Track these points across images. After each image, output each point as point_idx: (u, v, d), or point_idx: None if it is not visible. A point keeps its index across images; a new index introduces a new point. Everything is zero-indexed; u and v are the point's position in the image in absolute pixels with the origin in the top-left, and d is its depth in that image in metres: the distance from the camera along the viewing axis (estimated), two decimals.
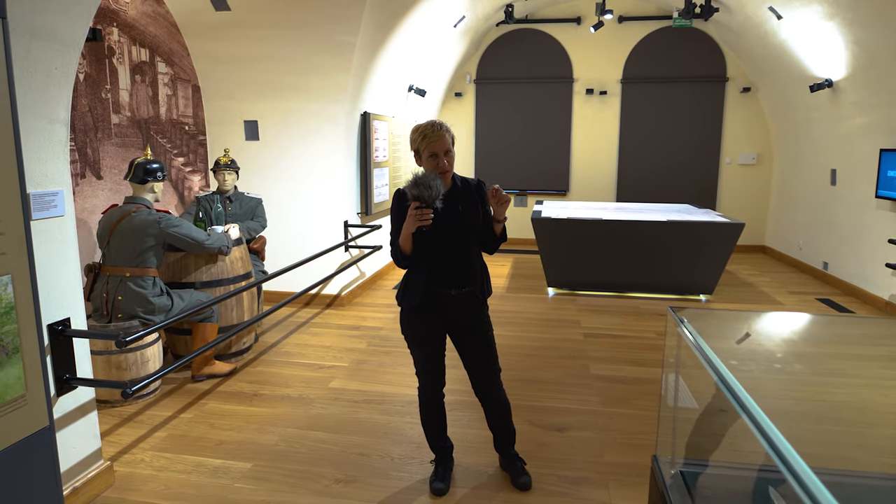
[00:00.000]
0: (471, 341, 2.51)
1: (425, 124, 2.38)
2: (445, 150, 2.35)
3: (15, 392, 1.73)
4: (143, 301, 3.48)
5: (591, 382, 3.89)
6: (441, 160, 2.35)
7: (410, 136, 2.42)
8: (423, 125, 2.38)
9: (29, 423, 1.78)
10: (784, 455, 1.02)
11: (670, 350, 2.01)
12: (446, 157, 2.36)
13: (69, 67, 2.32)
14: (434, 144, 2.34)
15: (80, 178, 4.13)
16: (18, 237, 1.70)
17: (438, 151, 2.34)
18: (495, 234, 2.48)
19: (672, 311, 1.96)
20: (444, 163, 2.35)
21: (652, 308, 5.70)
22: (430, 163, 2.37)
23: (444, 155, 2.35)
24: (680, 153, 8.73)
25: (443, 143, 2.34)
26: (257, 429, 3.22)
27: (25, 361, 1.76)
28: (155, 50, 4.87)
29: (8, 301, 1.69)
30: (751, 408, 1.22)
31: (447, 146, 2.35)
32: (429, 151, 2.35)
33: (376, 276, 6.66)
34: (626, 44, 8.63)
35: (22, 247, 1.71)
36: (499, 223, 2.44)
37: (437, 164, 2.35)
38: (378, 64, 5.76)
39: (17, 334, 1.72)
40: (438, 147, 2.34)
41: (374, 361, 4.24)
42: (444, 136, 2.35)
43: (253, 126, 5.57)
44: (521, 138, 9.02)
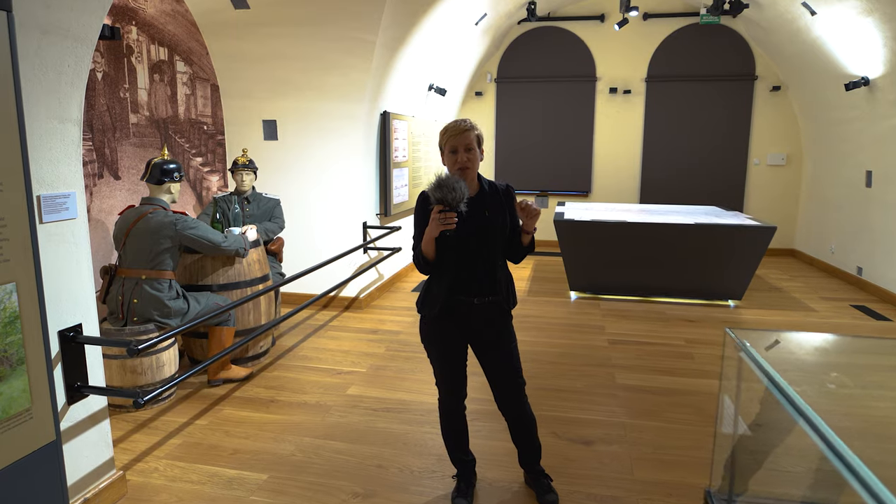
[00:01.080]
0: (494, 353, 2.39)
1: (450, 122, 2.28)
2: (466, 146, 2.23)
3: (20, 406, 1.64)
4: (159, 304, 3.41)
5: (617, 392, 3.74)
6: (460, 155, 2.23)
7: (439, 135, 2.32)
8: (448, 123, 2.28)
9: (35, 438, 1.69)
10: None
11: (729, 376, 1.85)
12: (467, 153, 2.24)
13: (82, 64, 2.24)
14: (454, 139, 2.23)
15: (97, 178, 4.09)
16: (24, 242, 1.62)
17: (458, 147, 2.23)
18: (522, 244, 2.35)
19: (732, 333, 1.79)
20: (462, 158, 2.23)
21: (679, 313, 5.52)
22: (450, 159, 2.26)
23: (463, 151, 2.23)
24: (706, 154, 8.50)
25: (464, 139, 2.23)
26: (273, 437, 3.13)
27: (31, 373, 1.67)
28: (174, 49, 4.82)
29: (12, 310, 1.60)
30: (841, 450, 1.07)
31: (468, 142, 2.24)
32: (449, 146, 2.26)
33: (395, 278, 6.56)
34: (651, 41, 8.43)
35: (28, 253, 1.63)
36: (527, 234, 2.32)
37: (456, 161, 2.24)
38: (398, 62, 5.66)
39: (22, 345, 1.64)
40: (459, 142, 2.23)
41: (393, 367, 4.13)
42: (467, 132, 2.24)
43: (272, 126, 5.50)
44: (542, 138, 8.86)
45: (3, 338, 1.59)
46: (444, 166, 2.33)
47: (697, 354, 4.45)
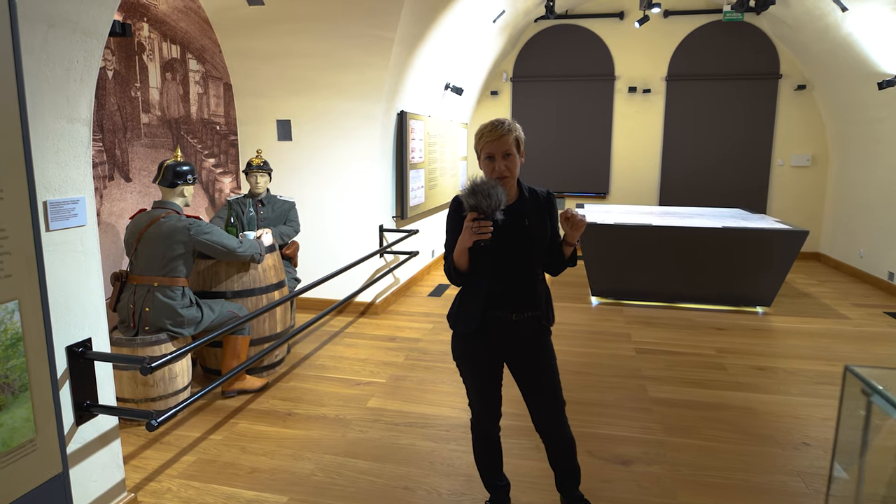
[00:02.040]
0: (532, 373, 2.21)
1: (487, 122, 2.09)
2: (504, 152, 2.04)
3: (23, 436, 1.48)
4: (172, 313, 3.26)
5: (650, 406, 3.55)
6: (498, 164, 2.04)
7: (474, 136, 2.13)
8: (484, 123, 2.09)
9: (39, 471, 1.54)
10: None
11: (848, 424, 1.61)
12: (504, 161, 2.04)
13: (92, 60, 2.08)
14: (491, 145, 2.03)
15: (107, 180, 3.94)
16: (27, 256, 1.46)
17: (495, 153, 2.04)
18: (563, 256, 2.17)
19: (857, 372, 1.46)
20: (500, 167, 2.04)
21: (707, 321, 5.31)
22: (486, 166, 2.07)
23: (501, 158, 2.04)
24: (728, 154, 8.28)
25: (501, 145, 2.03)
26: (292, 454, 2.97)
27: (35, 401, 1.51)
28: (186, 47, 4.67)
29: (14, 332, 1.44)
30: None
31: (507, 148, 2.04)
32: (485, 152, 2.06)
33: (411, 282, 6.39)
34: (671, 39, 8.22)
35: (32, 267, 1.47)
36: (569, 246, 2.14)
37: (493, 169, 2.05)
38: (416, 60, 5.49)
39: (26, 369, 1.48)
40: (496, 148, 2.03)
41: (414, 377, 3.96)
42: (505, 137, 2.03)
43: (286, 126, 5.35)
44: (559, 139, 8.67)
45: (4, 362, 1.43)
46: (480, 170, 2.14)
47: (729, 365, 4.25)
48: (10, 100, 1.38)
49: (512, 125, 2.06)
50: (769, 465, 2.90)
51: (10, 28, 1.37)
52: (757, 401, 3.64)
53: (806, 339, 4.84)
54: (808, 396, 3.72)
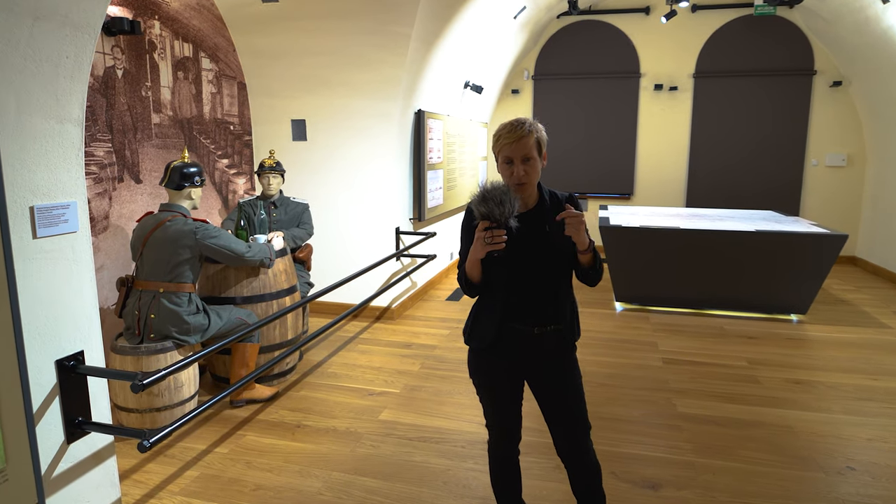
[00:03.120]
0: (555, 393, 2.02)
1: (506, 123, 1.90)
2: (524, 155, 1.85)
3: None
4: (178, 320, 3.14)
5: (679, 423, 3.34)
6: (517, 168, 1.85)
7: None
8: (503, 124, 1.91)
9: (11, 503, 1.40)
10: None
11: None
12: (524, 165, 1.85)
13: (83, 56, 1.96)
14: (510, 147, 1.85)
15: (117, 181, 3.85)
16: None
17: (514, 157, 1.85)
18: (581, 264, 1.94)
19: None
20: (519, 171, 1.85)
21: (738, 329, 5.06)
22: (504, 170, 1.89)
23: (520, 162, 1.86)
24: (759, 154, 7.96)
25: (521, 147, 1.84)
26: (299, 470, 2.82)
27: (5, 428, 1.38)
28: (199, 45, 4.57)
29: None
30: None
31: (527, 151, 1.84)
32: (503, 155, 1.87)
33: (428, 285, 6.23)
34: (700, 35, 7.93)
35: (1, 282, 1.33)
36: (584, 254, 1.88)
37: (511, 174, 1.87)
38: (434, 58, 5.32)
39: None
40: (515, 151, 1.85)
41: (429, 388, 3.80)
42: (524, 139, 1.83)
43: (300, 125, 5.23)
44: (582, 138, 8.43)
45: None
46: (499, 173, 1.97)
47: (763, 378, 4.01)
48: None
49: (533, 126, 1.87)
50: (811, 491, 2.68)
51: None
52: (795, 418, 3.41)
53: (845, 349, 4.57)
54: (851, 414, 3.46)
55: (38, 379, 1.93)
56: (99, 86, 3.67)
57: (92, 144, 3.64)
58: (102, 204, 3.75)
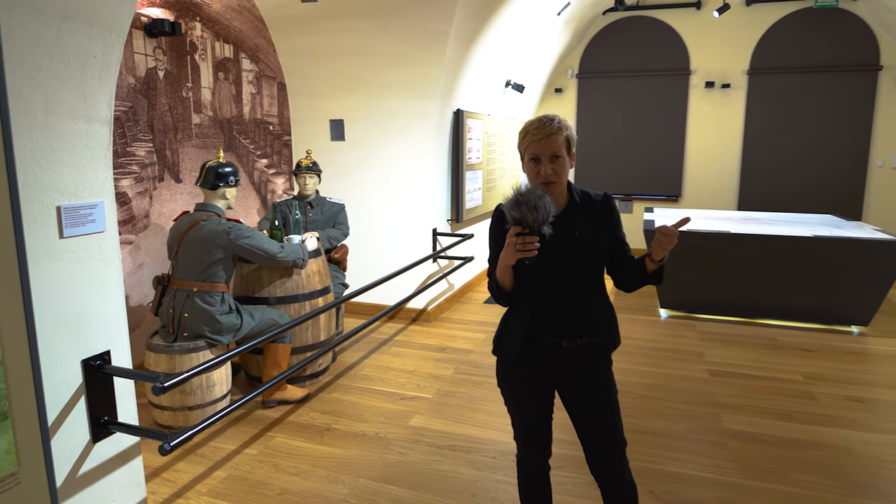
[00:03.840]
0: (587, 408, 1.90)
1: (533, 119, 1.79)
2: (552, 154, 1.73)
3: (2, 470, 1.34)
4: (210, 320, 3.15)
5: (725, 441, 3.14)
6: (544, 167, 1.74)
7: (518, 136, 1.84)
8: (530, 120, 1.80)
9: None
10: None
11: None
12: (553, 163, 1.74)
13: (111, 56, 1.95)
14: (537, 145, 1.73)
15: (157, 181, 3.91)
16: (8, 271, 1.31)
17: (541, 155, 1.74)
18: (646, 272, 1.85)
19: None
20: (546, 170, 1.74)
21: (793, 340, 4.76)
22: (531, 169, 1.77)
23: (548, 161, 1.74)
24: (818, 155, 7.53)
25: (549, 145, 1.73)
26: (326, 476, 2.78)
27: (17, 430, 1.36)
28: (239, 46, 4.61)
29: None
30: None
31: (555, 149, 1.73)
32: (530, 154, 1.76)
33: (465, 287, 6.14)
34: (755, 29, 7.56)
35: (13, 282, 1.32)
36: (656, 264, 1.81)
37: (537, 173, 1.76)
38: (473, 56, 5.22)
39: (6, 396, 1.33)
40: (542, 149, 1.73)
41: (462, 394, 3.71)
42: (553, 137, 1.72)
43: (339, 125, 5.22)
44: (627, 138, 8.17)
45: None
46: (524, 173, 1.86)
47: (820, 394, 3.75)
48: None
49: (562, 123, 1.75)
50: None
51: None
52: (855, 440, 3.16)
53: None
54: None
55: (65, 378, 1.93)
56: (141, 87, 3.73)
57: (133, 144, 3.71)
58: (143, 203, 3.81)
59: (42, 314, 1.83)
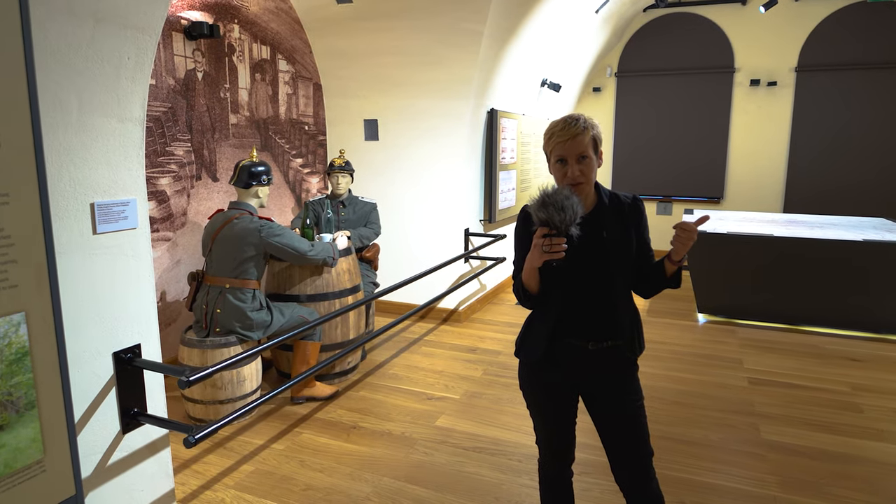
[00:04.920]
0: (612, 416, 1.84)
1: (558, 119, 1.75)
2: (579, 154, 1.69)
3: (28, 458, 1.38)
4: (241, 316, 3.21)
5: (764, 453, 3.02)
6: (571, 168, 1.70)
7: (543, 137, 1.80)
8: (555, 121, 1.76)
9: (48, 495, 1.43)
10: None
11: None
12: (580, 164, 1.70)
13: (144, 57, 2.00)
14: (563, 146, 1.69)
15: (195, 179, 4.01)
16: (37, 265, 1.35)
17: (568, 156, 1.69)
18: (665, 275, 1.79)
19: None
20: (573, 171, 1.70)
21: (839, 349, 4.56)
22: (558, 170, 1.73)
23: (575, 162, 1.70)
24: (869, 155, 7.19)
25: (575, 145, 1.68)
26: (350, 473, 2.79)
27: (43, 419, 1.41)
28: (276, 47, 4.69)
29: (20, 346, 1.34)
30: None
31: (582, 150, 1.69)
32: (556, 155, 1.71)
33: (498, 288, 6.09)
34: (804, 25, 7.27)
35: (42, 277, 1.36)
36: (674, 265, 1.76)
37: (564, 174, 1.72)
38: (507, 55, 5.18)
39: (33, 385, 1.38)
40: (568, 150, 1.69)
41: (490, 395, 3.67)
42: (579, 137, 1.68)
43: (373, 125, 5.25)
44: (667, 138, 7.98)
45: (8, 378, 1.33)
46: None
47: (867, 406, 3.57)
48: (17, 94, 1.27)
49: (588, 122, 1.71)
50: None
51: (18, 13, 1.25)
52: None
53: None
54: None
55: (96, 370, 1.99)
56: (180, 88, 3.83)
57: (172, 144, 3.81)
58: (181, 201, 3.91)
59: (75, 308, 1.89)
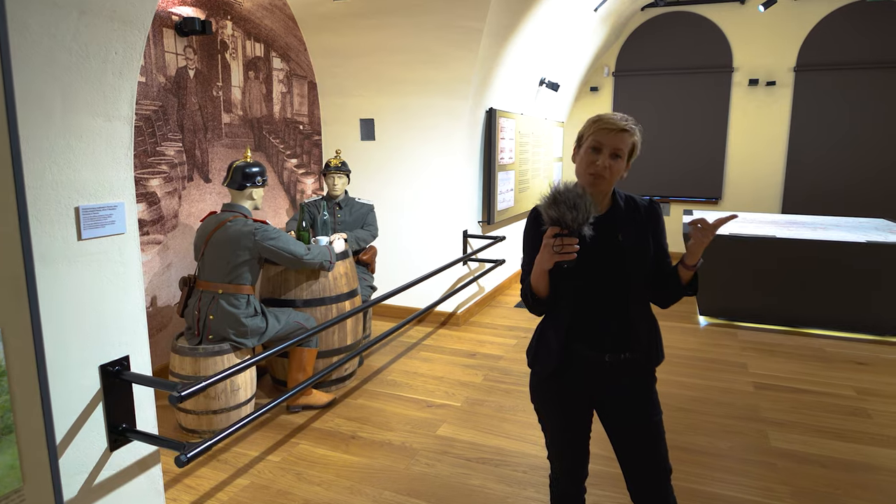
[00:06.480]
0: (629, 431, 1.75)
1: (607, 113, 1.67)
2: (615, 150, 1.61)
3: (6, 487, 1.27)
4: (235, 322, 3.09)
5: (774, 461, 2.94)
6: (602, 159, 1.61)
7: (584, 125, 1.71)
8: (604, 113, 1.67)
9: None
10: None
11: None
12: (612, 160, 1.61)
13: (132, 52, 1.88)
14: (604, 136, 1.61)
15: (187, 180, 3.89)
16: (14, 277, 1.23)
17: (604, 145, 1.61)
18: (681, 282, 1.70)
19: None
20: (603, 163, 1.61)
21: (843, 351, 4.49)
22: (587, 158, 1.63)
23: (609, 155, 1.61)
24: (868, 156, 7.15)
25: (616, 140, 1.60)
26: (349, 487, 2.68)
27: (22, 445, 1.29)
28: (270, 45, 4.57)
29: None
30: None
31: (620, 147, 1.61)
32: (594, 141, 1.62)
33: (496, 291, 6.00)
34: (803, 24, 7.22)
35: (20, 290, 1.24)
36: (689, 269, 1.67)
37: (593, 162, 1.62)
38: (506, 54, 5.09)
39: (10, 409, 1.26)
40: (608, 141, 1.60)
41: (492, 403, 3.58)
42: (624, 133, 1.61)
43: (369, 125, 5.14)
44: (665, 138, 7.91)
45: None
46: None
47: (875, 411, 3.50)
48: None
49: (637, 128, 1.64)
50: None
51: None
52: None
53: None
54: None
55: (82, 384, 1.88)
56: (171, 86, 3.70)
57: (163, 144, 3.68)
58: (172, 203, 3.79)
59: (59, 319, 1.78)
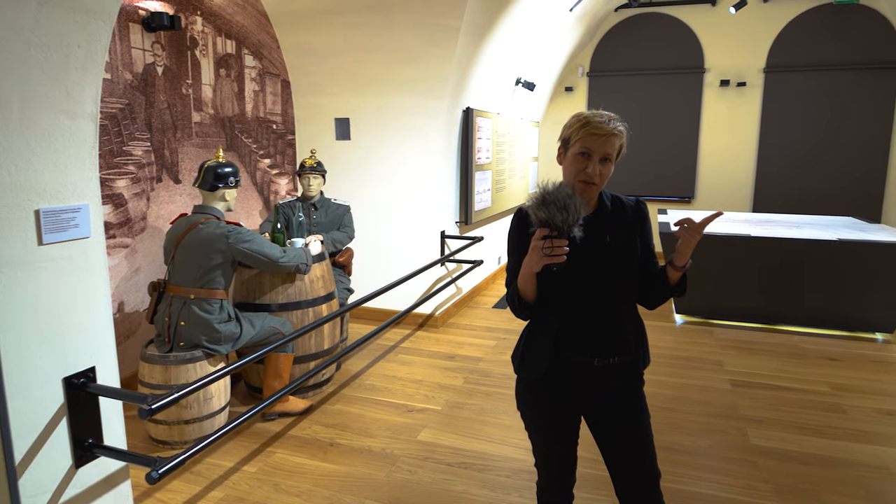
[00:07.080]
0: (618, 434, 1.72)
1: (593, 112, 1.61)
2: (605, 155, 1.57)
3: None
4: (208, 328, 2.98)
5: (755, 459, 2.95)
6: (593, 166, 1.56)
7: (566, 123, 1.65)
8: (591, 112, 1.61)
9: None
10: None
11: None
12: (601, 165, 1.57)
13: (97, 46, 1.78)
14: (594, 140, 1.55)
15: (155, 181, 3.75)
16: None
17: (595, 152, 1.56)
18: (668, 283, 1.67)
19: None
20: (593, 170, 1.56)
21: (818, 348, 4.57)
22: (575, 163, 1.58)
23: (598, 161, 1.57)
24: (836, 155, 7.31)
25: (605, 145, 1.56)
26: (328, 497, 2.61)
27: None
28: (242, 41, 4.45)
29: None
30: None
31: (609, 152, 1.57)
32: (582, 146, 1.57)
33: (474, 291, 5.96)
34: (772, 26, 7.35)
35: None
36: (678, 270, 1.64)
37: (583, 169, 1.58)
38: (483, 53, 5.05)
39: None
40: (598, 146, 1.56)
41: (472, 406, 3.53)
42: (614, 137, 1.57)
43: (344, 124, 5.05)
44: (639, 137, 7.97)
45: None
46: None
47: (850, 407, 3.56)
48: None
49: (623, 125, 1.61)
50: None
51: None
52: (891, 457, 2.97)
53: None
54: None
55: (44, 399, 1.77)
56: (138, 83, 3.57)
57: (130, 143, 3.55)
58: (140, 204, 3.65)
59: (18, 329, 1.67)
